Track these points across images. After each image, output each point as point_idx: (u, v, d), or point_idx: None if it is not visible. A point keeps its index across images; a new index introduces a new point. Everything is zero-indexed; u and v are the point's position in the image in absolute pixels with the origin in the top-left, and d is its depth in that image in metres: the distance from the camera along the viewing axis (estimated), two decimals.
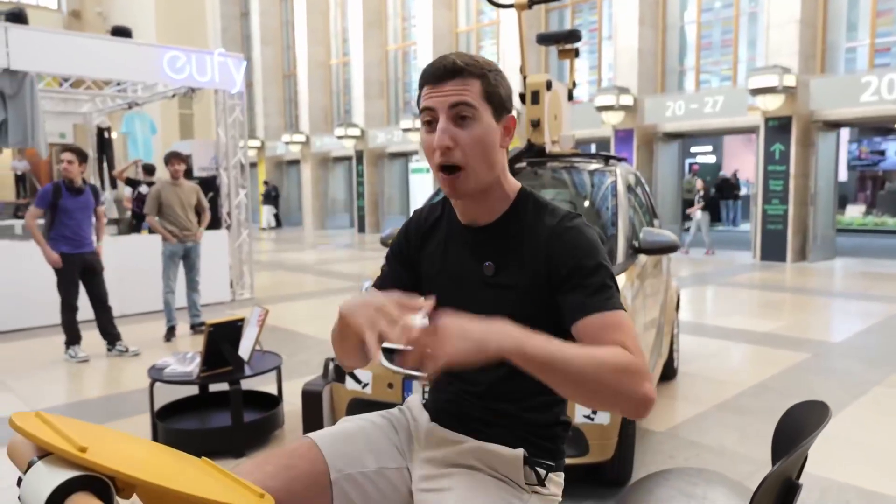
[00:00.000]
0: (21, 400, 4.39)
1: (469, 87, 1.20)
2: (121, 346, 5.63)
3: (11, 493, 2.95)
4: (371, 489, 1.30)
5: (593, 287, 1.16)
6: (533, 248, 1.24)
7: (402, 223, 1.50)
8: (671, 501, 2.13)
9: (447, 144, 1.19)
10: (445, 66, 1.20)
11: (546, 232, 1.24)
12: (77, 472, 0.74)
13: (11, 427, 0.80)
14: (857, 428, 3.72)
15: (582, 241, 1.21)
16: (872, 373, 4.76)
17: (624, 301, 3.07)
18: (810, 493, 2.93)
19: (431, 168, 1.26)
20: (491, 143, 1.23)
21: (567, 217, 1.26)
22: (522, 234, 1.27)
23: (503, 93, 1.25)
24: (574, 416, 2.77)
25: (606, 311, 1.13)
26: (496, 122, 1.24)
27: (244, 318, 3.61)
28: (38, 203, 5.23)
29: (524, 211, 1.30)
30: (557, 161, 4.06)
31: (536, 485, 1.26)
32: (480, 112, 1.21)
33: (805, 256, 11.46)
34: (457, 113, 1.20)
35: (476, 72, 1.21)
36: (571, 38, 4.46)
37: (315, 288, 9.55)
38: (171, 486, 0.76)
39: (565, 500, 2.92)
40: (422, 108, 1.23)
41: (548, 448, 1.31)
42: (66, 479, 0.73)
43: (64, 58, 6.83)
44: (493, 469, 1.27)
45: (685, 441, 3.56)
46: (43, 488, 0.73)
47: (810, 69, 11.35)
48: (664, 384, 4.53)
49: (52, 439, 0.77)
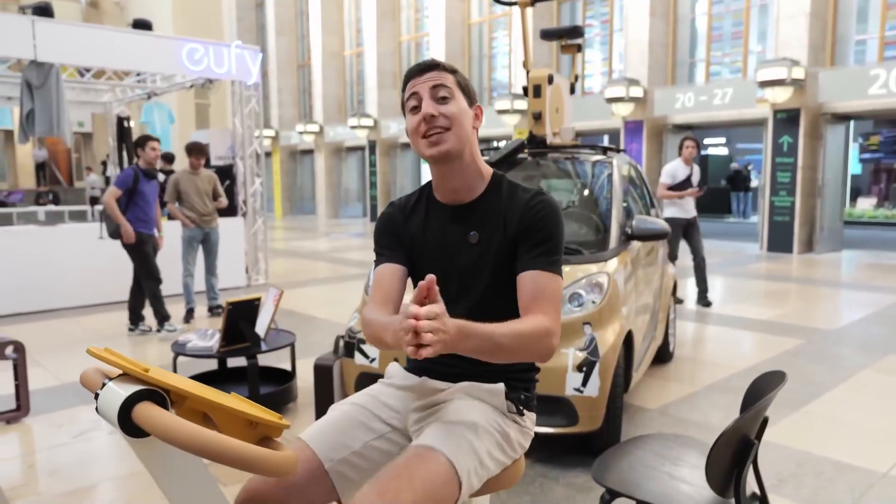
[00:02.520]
0: (51, 374, 4.67)
1: (445, 76, 1.50)
2: (144, 325, 5.95)
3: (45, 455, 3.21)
4: (363, 463, 1.50)
5: (542, 250, 1.45)
6: (512, 218, 1.51)
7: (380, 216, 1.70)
8: (646, 460, 2.36)
9: (432, 112, 1.46)
10: (426, 63, 1.51)
11: (522, 204, 1.51)
12: (141, 387, 0.97)
13: (89, 354, 1.03)
14: (839, 408, 3.91)
15: (547, 213, 1.49)
16: (862, 358, 4.93)
17: (615, 284, 3.29)
18: (787, 464, 3.13)
19: (416, 145, 1.51)
20: (465, 119, 1.50)
21: (538, 193, 1.53)
22: (503, 208, 1.53)
23: (471, 88, 1.56)
24: (565, 389, 2.99)
25: (546, 272, 1.44)
26: (468, 107, 1.52)
27: (261, 297, 3.85)
28: (118, 184, 5.57)
29: (500, 190, 1.56)
30: (558, 152, 4.26)
31: (516, 414, 1.49)
32: (456, 95, 1.50)
33: (812, 248, 11.56)
34: (437, 93, 1.48)
35: (449, 69, 1.52)
36: (574, 34, 4.65)
37: (328, 274, 9.81)
38: (214, 399, 0.99)
39: (556, 468, 3.16)
40: (408, 95, 1.51)
41: (523, 388, 1.56)
42: (135, 391, 0.95)
43: (87, 50, 7.10)
44: (478, 398, 1.51)
45: (675, 418, 3.77)
46: (116, 399, 0.96)
47: (820, 61, 11.40)
48: (659, 366, 4.74)
49: (123, 362, 1.00)
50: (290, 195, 24.41)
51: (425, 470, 1.29)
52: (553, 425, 3.02)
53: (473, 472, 1.37)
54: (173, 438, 0.90)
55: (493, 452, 1.43)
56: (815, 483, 2.94)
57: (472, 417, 1.44)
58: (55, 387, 4.42)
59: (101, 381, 1.02)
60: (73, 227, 8.47)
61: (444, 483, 1.30)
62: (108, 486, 2.99)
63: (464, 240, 1.55)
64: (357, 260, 11.22)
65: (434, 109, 1.46)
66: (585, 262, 3.35)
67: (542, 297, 1.42)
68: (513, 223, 1.50)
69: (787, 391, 4.18)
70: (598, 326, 3.09)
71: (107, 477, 3.08)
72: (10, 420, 3.75)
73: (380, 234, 1.65)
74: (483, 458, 1.41)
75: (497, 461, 1.45)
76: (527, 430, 1.54)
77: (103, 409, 0.98)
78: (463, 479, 1.33)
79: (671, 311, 4.93)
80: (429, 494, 1.26)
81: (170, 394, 0.99)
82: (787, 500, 2.78)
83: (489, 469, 1.44)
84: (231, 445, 0.89)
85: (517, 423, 1.52)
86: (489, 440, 1.42)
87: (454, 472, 1.32)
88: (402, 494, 1.22)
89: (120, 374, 1.01)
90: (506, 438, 1.47)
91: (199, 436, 0.89)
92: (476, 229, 1.54)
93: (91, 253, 7.23)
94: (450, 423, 1.42)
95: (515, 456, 1.52)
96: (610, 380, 3.03)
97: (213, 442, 0.89)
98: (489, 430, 1.44)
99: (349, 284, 8.61)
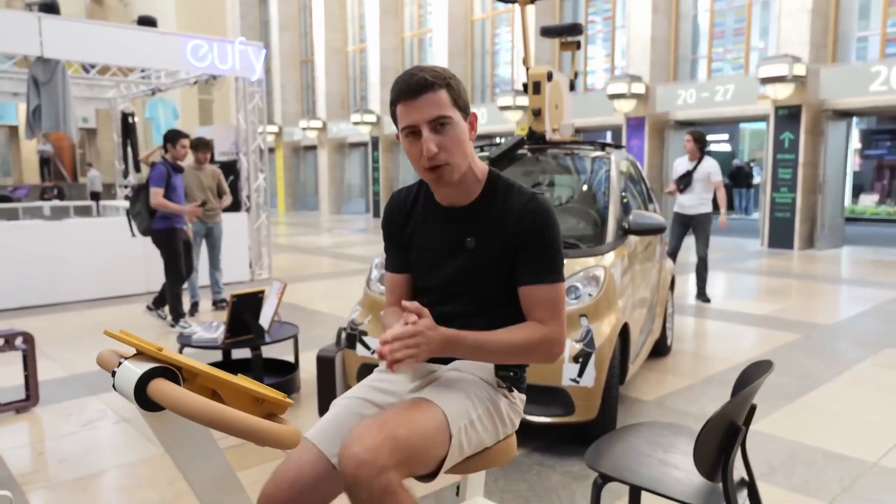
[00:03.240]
0: (59, 366, 4.75)
1: (440, 98, 1.45)
2: (162, 312, 6.13)
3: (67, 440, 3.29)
4: None
5: (541, 260, 1.50)
6: (509, 224, 1.54)
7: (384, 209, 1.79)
8: (639, 447, 2.44)
9: (434, 150, 1.45)
10: (417, 83, 1.44)
11: (518, 209, 1.54)
12: (155, 364, 1.04)
13: (106, 335, 1.10)
14: (834, 400, 3.98)
15: (543, 221, 1.52)
16: (857, 352, 4.99)
17: (611, 278, 3.36)
18: (779, 453, 3.20)
19: (417, 170, 1.53)
20: (464, 140, 1.51)
21: (533, 197, 1.55)
22: (499, 213, 1.56)
23: (465, 96, 1.52)
24: (562, 379, 3.06)
25: (544, 284, 1.50)
26: (465, 122, 1.52)
27: (265, 290, 3.93)
28: (158, 183, 5.64)
29: (496, 192, 1.59)
30: (557, 148, 4.33)
31: (505, 389, 1.57)
32: (453, 118, 1.47)
33: (812, 244, 11.60)
34: (436, 124, 1.45)
35: (442, 83, 1.46)
36: (573, 31, 4.72)
37: (330, 269, 9.89)
38: (222, 377, 1.06)
39: (553, 457, 3.22)
40: (403, 126, 1.48)
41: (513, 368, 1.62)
42: (149, 368, 1.02)
43: (93, 46, 7.18)
44: (470, 373, 1.58)
45: (671, 409, 3.84)
46: (132, 376, 1.03)
47: (821, 58, 11.43)
48: (657, 360, 4.81)
49: (138, 342, 1.07)
50: (293, 191, 24.49)
51: (421, 414, 1.41)
52: (549, 415, 3.09)
53: (464, 431, 1.46)
54: (187, 411, 0.97)
55: (483, 419, 1.51)
56: (806, 472, 3.00)
57: (466, 385, 1.54)
58: (63, 378, 4.50)
59: (116, 361, 1.10)
60: (80, 221, 8.55)
61: (436, 429, 1.40)
62: (116, 472, 3.07)
63: (461, 244, 1.59)
64: (359, 255, 11.30)
65: (436, 145, 1.44)
66: (583, 255, 3.41)
67: (543, 306, 1.50)
68: (509, 230, 1.53)
69: (783, 384, 4.25)
70: (594, 318, 3.16)
71: (115, 464, 3.16)
72: (20, 410, 3.84)
73: (384, 230, 1.75)
74: (474, 420, 1.50)
75: (487, 430, 1.52)
76: (517, 406, 1.62)
77: (120, 385, 1.05)
78: (453, 432, 1.43)
79: (669, 305, 5.00)
80: (422, 434, 1.37)
81: (182, 371, 1.06)
82: (777, 487, 2.85)
83: (479, 434, 1.52)
84: (240, 417, 0.96)
85: (507, 398, 1.59)
86: (481, 407, 1.51)
87: (446, 424, 1.43)
88: (399, 429, 1.34)
89: (134, 355, 1.08)
90: (496, 409, 1.55)
91: (211, 409, 0.96)
92: (473, 234, 1.57)
93: (97, 247, 7.33)
94: (446, 386, 1.53)
95: (507, 431, 1.59)
96: (605, 371, 3.10)
97: (224, 414, 0.96)
98: (481, 398, 1.53)
99: (351, 279, 8.69)
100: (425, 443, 1.37)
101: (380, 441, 1.28)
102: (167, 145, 5.80)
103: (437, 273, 1.62)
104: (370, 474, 1.25)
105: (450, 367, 1.60)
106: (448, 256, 1.60)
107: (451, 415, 1.44)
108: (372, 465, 1.25)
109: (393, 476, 1.27)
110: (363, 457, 1.25)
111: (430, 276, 1.65)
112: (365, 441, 1.28)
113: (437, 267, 1.61)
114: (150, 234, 5.77)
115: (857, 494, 2.79)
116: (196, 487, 1.11)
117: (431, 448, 1.39)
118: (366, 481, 1.25)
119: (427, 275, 1.66)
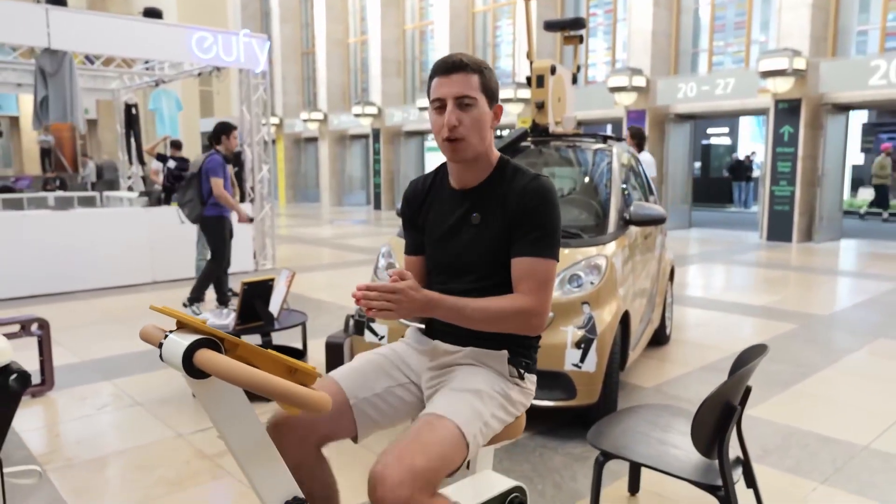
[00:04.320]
0: (71, 353, 4.86)
1: (470, 80, 1.60)
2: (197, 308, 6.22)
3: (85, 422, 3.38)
4: (383, 405, 1.71)
5: (533, 237, 1.59)
6: (511, 200, 1.65)
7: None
8: (638, 427, 2.54)
9: (454, 123, 1.59)
10: (454, 62, 1.60)
11: (521, 187, 1.65)
12: (200, 336, 1.14)
13: (152, 309, 1.20)
14: (827, 387, 4.09)
15: (542, 199, 1.62)
16: (852, 342, 5.10)
17: (612, 267, 3.46)
18: (774, 437, 3.31)
19: (437, 141, 1.66)
20: (484, 123, 1.64)
21: (535, 178, 1.66)
22: (504, 191, 1.67)
23: (494, 87, 1.66)
24: (564, 364, 3.17)
25: (534, 258, 1.58)
26: (489, 108, 1.65)
27: (274, 278, 4.03)
28: (220, 173, 5.80)
29: (504, 175, 1.70)
30: (560, 140, 4.42)
31: (517, 378, 1.66)
32: (479, 101, 1.61)
33: (811, 237, 11.70)
34: (461, 101, 1.59)
35: (475, 69, 1.61)
36: (576, 26, 4.79)
37: (332, 260, 9.99)
38: (259, 349, 1.16)
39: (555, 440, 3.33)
40: (433, 98, 1.63)
41: (524, 353, 1.72)
42: (196, 339, 1.12)
43: (100, 38, 7.25)
44: (484, 364, 1.68)
45: (668, 395, 3.95)
46: (179, 347, 1.13)
47: (821, 52, 11.49)
48: (656, 348, 4.91)
49: (182, 316, 1.17)
50: (294, 183, 24.55)
51: (436, 436, 1.47)
52: (552, 399, 3.20)
53: (479, 433, 1.55)
54: (233, 377, 1.06)
55: (496, 413, 1.60)
56: (799, 454, 3.11)
57: (478, 384, 1.62)
58: (75, 363, 4.61)
59: (160, 335, 1.19)
60: (87, 211, 8.63)
61: (452, 446, 1.48)
62: (132, 453, 3.18)
63: (467, 220, 1.71)
64: (361, 246, 11.39)
65: (456, 119, 1.59)
66: (585, 245, 3.51)
67: (528, 278, 1.58)
68: (511, 206, 1.64)
69: (779, 372, 4.36)
70: (595, 306, 3.26)
71: (131, 445, 3.26)
72: (36, 394, 3.94)
73: (402, 215, 1.88)
74: (487, 420, 1.59)
75: (500, 420, 1.62)
76: (527, 390, 1.72)
77: (167, 356, 1.15)
78: (470, 441, 1.51)
79: (668, 295, 5.10)
80: (440, 457, 1.44)
81: (223, 342, 1.15)
82: (771, 468, 2.96)
83: (493, 428, 1.62)
84: (280, 382, 1.06)
85: (518, 385, 1.68)
86: (492, 404, 1.60)
87: (462, 436, 1.50)
88: (416, 458, 1.40)
89: (177, 328, 1.18)
90: (508, 399, 1.64)
91: (254, 374, 1.06)
92: (478, 210, 1.69)
93: (104, 237, 7.42)
94: (456, 391, 1.60)
95: (517, 413, 1.69)
96: (607, 356, 3.20)
97: (266, 379, 1.06)
98: (492, 395, 1.62)
99: (354, 270, 8.79)
100: (444, 462, 1.45)
101: (401, 477, 1.36)
102: (221, 137, 5.96)
103: (445, 250, 1.73)
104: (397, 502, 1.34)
105: (464, 354, 1.69)
106: (455, 233, 1.71)
107: (465, 425, 1.51)
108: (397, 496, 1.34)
109: (419, 497, 1.36)
110: (389, 499, 1.34)
111: (439, 254, 1.77)
112: (387, 482, 1.35)
113: (445, 243, 1.72)
114: (201, 221, 5.93)
115: (848, 475, 2.90)
116: (234, 447, 1.21)
117: (451, 463, 1.48)
118: None
119: (436, 252, 1.77)
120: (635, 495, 2.75)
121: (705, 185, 20.30)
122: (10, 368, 2.02)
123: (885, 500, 2.68)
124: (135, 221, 7.75)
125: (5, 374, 2.01)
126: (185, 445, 3.26)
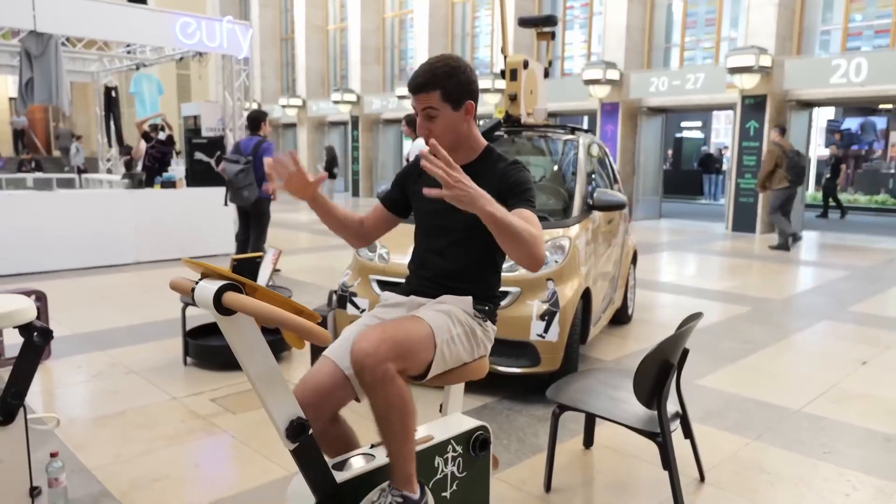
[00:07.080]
0: (64, 326, 5.06)
1: (431, 97, 1.90)
2: None
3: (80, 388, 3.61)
4: None
5: (521, 197, 1.92)
6: (494, 181, 1.94)
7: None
8: (593, 385, 2.88)
9: (426, 133, 1.93)
10: (416, 84, 1.91)
11: (500, 171, 1.98)
12: (226, 281, 1.42)
13: (184, 263, 1.49)
14: (770, 361, 4.47)
15: (520, 176, 1.96)
16: (798, 322, 5.52)
17: (575, 247, 3.77)
18: (716, 402, 3.67)
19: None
20: (452, 125, 1.94)
21: (513, 162, 2.00)
22: (487, 174, 1.97)
23: (461, 91, 1.92)
24: (530, 334, 3.49)
25: (524, 209, 1.88)
26: (456, 112, 1.93)
27: (262, 255, 4.28)
28: (272, 153, 6.12)
29: (488, 160, 2.02)
30: (531, 131, 4.72)
31: (480, 318, 1.97)
32: (442, 111, 1.92)
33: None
34: (427, 113, 1.92)
35: (437, 84, 1.89)
36: (548, 22, 5.10)
37: (310, 244, 10.22)
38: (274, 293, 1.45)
39: (520, 403, 3.63)
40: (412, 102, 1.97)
41: (486, 300, 2.03)
42: (223, 284, 1.40)
43: (85, 21, 7.38)
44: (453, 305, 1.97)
45: (627, 368, 4.29)
46: (209, 291, 1.40)
47: (786, 50, 11.94)
48: (618, 327, 5.27)
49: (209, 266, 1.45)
50: None
51: (413, 325, 1.82)
52: (518, 366, 3.52)
53: (446, 343, 1.86)
54: (256, 313, 1.35)
55: (461, 337, 1.91)
56: (737, 416, 3.48)
57: (448, 310, 1.94)
58: (69, 336, 4.82)
59: (191, 283, 1.47)
60: (71, 192, 8.74)
61: (425, 337, 1.81)
62: (132, 413, 3.43)
63: None
64: None
65: (426, 128, 1.93)
66: (551, 227, 3.82)
67: (531, 221, 1.85)
68: (492, 185, 1.89)
69: (728, 349, 4.73)
70: (559, 282, 3.58)
71: (129, 407, 3.52)
72: None
73: (396, 179, 2.19)
74: (454, 336, 1.90)
75: (465, 346, 1.92)
76: (489, 334, 2.02)
77: (199, 299, 1.43)
78: (438, 343, 1.83)
79: (631, 277, 5.45)
80: (414, 339, 1.78)
81: (245, 287, 1.44)
82: (711, 428, 3.32)
83: (458, 348, 1.91)
84: (292, 317, 1.35)
85: (481, 325, 1.99)
86: (459, 328, 1.91)
87: (432, 335, 1.83)
88: (396, 333, 1.75)
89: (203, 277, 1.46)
90: (472, 332, 1.95)
91: (272, 310, 1.34)
92: None
93: (88, 218, 7.57)
94: (431, 308, 1.93)
95: (481, 352, 2.00)
96: (568, 328, 3.53)
97: (282, 314, 1.34)
98: (460, 321, 1.93)
99: (332, 253, 9.04)
100: (416, 346, 1.78)
101: (381, 339, 1.69)
102: (260, 123, 6.39)
103: (429, 212, 2.04)
104: (373, 363, 1.65)
105: (437, 300, 1.99)
106: (441, 208, 1.99)
107: (437, 329, 1.84)
108: (374, 356, 1.66)
109: (391, 366, 1.67)
110: (368, 349, 1.66)
111: (424, 218, 2.08)
112: (370, 338, 1.69)
113: (429, 206, 1.99)
114: (256, 203, 6.34)
115: (779, 433, 3.27)
116: (251, 373, 1.50)
117: (421, 352, 1.80)
118: (370, 368, 1.66)
119: (422, 216, 2.09)
120: (589, 448, 3.09)
121: (676, 177, 20.82)
122: (33, 325, 2.27)
123: (808, 453, 3.05)
124: (118, 203, 7.91)
125: (29, 329, 2.25)
126: (179, 407, 3.53)
